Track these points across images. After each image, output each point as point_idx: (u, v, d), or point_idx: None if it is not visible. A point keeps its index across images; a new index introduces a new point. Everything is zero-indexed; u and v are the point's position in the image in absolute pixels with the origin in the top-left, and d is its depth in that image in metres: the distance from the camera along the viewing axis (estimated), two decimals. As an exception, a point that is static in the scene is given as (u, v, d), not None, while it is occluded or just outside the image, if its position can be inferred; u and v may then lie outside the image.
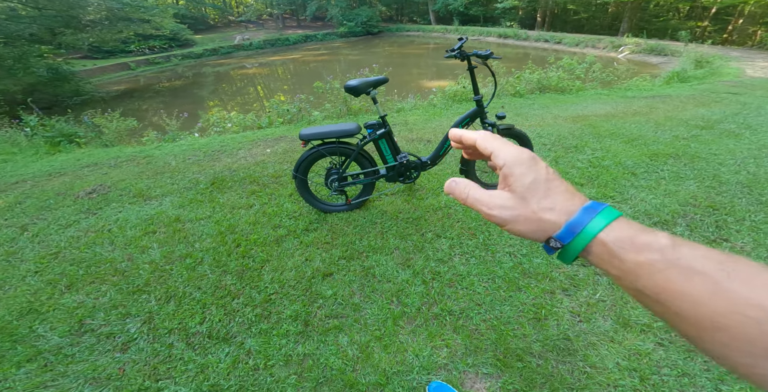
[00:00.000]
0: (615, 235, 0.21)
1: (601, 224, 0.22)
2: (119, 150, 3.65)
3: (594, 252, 0.22)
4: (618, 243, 0.21)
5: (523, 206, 0.24)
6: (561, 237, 0.23)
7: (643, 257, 0.20)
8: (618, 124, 3.27)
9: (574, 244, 0.22)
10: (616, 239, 0.21)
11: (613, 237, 0.21)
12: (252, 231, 1.96)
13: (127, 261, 1.76)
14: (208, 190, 2.48)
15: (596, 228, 0.22)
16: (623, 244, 0.21)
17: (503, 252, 1.68)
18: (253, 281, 1.58)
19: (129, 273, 1.67)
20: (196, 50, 19.05)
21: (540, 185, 0.24)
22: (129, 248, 1.89)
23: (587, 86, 4.91)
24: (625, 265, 0.21)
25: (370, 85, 1.65)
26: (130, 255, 1.81)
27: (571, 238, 0.22)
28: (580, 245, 0.22)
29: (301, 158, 1.81)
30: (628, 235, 0.21)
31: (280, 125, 3.89)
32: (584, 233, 0.22)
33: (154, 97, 11.36)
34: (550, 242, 0.23)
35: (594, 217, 0.22)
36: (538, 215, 0.23)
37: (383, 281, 1.54)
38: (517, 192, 0.24)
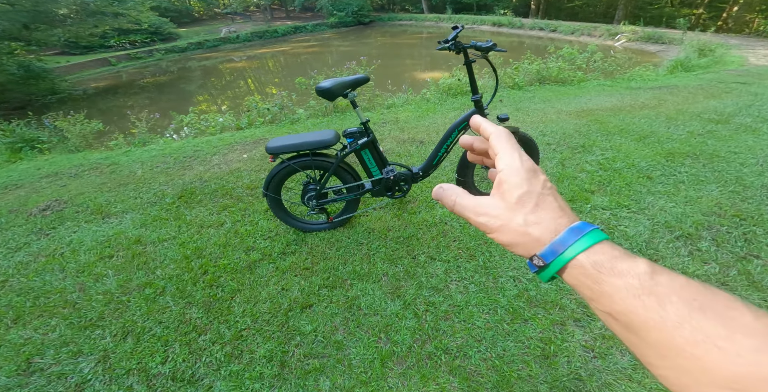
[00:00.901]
0: (595, 258, 0.21)
1: (583, 246, 0.22)
2: (84, 157, 3.33)
3: (571, 273, 0.22)
4: (597, 267, 0.21)
5: (511, 217, 0.24)
6: (544, 256, 0.23)
7: (621, 281, 0.20)
8: (626, 119, 3.02)
9: (554, 263, 0.22)
10: (594, 263, 0.21)
11: (592, 260, 0.21)
12: (221, 255, 1.72)
13: (79, 292, 1.55)
14: (174, 205, 2.21)
15: (577, 250, 0.22)
16: (602, 268, 0.21)
17: (506, 277, 1.47)
18: (222, 314, 1.38)
19: (81, 305, 1.47)
20: (180, 44, 18.28)
21: (532, 199, 0.23)
22: (82, 275, 1.66)
23: (589, 77, 4.63)
24: (601, 288, 0.21)
25: (346, 87, 1.37)
26: (82, 284, 1.59)
27: (552, 258, 0.22)
28: (558, 266, 0.22)
29: (270, 174, 1.54)
30: (609, 258, 0.21)
31: (261, 126, 3.59)
32: (564, 254, 0.22)
33: (138, 93, 10.89)
34: (534, 260, 0.23)
35: (579, 238, 0.22)
36: (524, 228, 0.23)
37: (370, 314, 1.34)
38: (508, 202, 0.24)
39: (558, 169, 2.23)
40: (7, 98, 8.27)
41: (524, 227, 0.23)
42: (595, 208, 1.86)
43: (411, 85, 5.21)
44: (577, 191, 2.00)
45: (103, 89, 11.70)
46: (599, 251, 0.22)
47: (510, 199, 0.23)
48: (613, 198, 1.92)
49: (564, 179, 2.12)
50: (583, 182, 2.09)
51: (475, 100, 1.54)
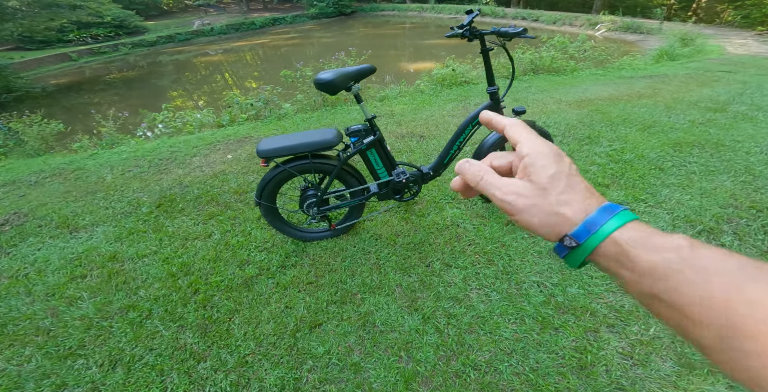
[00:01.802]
0: (629, 235, 0.21)
1: (616, 224, 0.21)
2: (44, 161, 2.98)
3: (605, 253, 0.21)
4: (632, 243, 0.20)
5: (542, 196, 0.23)
6: (577, 235, 0.21)
7: (659, 256, 0.19)
8: (627, 108, 2.96)
9: (588, 242, 0.21)
10: (630, 239, 0.20)
11: (627, 237, 0.20)
12: (212, 271, 1.53)
13: (52, 317, 1.37)
14: (152, 215, 1.96)
15: (611, 227, 0.21)
16: (637, 244, 0.20)
17: (530, 282, 1.36)
18: (221, 338, 1.23)
19: (56, 332, 1.30)
20: (149, 38, 17.15)
21: (562, 179, 0.23)
22: (52, 299, 1.46)
23: (581, 66, 4.58)
24: (639, 266, 0.20)
25: (350, 78, 1.18)
26: (54, 309, 1.40)
27: (586, 236, 0.21)
28: (593, 244, 0.21)
29: (263, 181, 1.34)
30: (643, 235, 0.20)
31: (245, 123, 3.31)
32: (598, 232, 0.21)
33: (105, 89, 10.19)
34: (565, 241, 0.22)
35: (611, 217, 0.21)
36: (555, 208, 0.22)
37: (387, 331, 1.21)
38: (537, 183, 0.23)
39: (568, 162, 2.14)
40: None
41: (556, 207, 0.22)
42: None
43: (397, 77, 5.03)
44: (592, 185, 1.89)
45: (65, 86, 10.87)
46: (633, 228, 0.21)
47: (539, 180, 0.23)
48: (628, 192, 1.84)
49: (575, 173, 2.03)
50: (595, 175, 1.99)
51: (491, 92, 1.39)
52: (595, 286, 1.31)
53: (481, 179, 0.25)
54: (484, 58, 1.33)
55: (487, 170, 0.25)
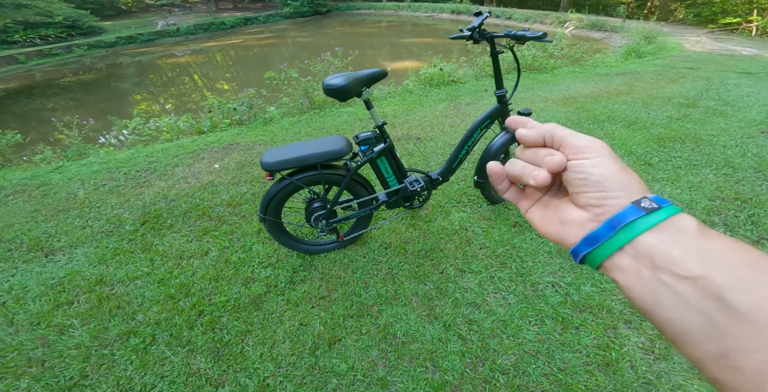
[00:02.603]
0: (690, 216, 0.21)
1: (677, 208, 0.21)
2: (3, 177, 2.66)
3: (670, 228, 0.19)
4: (697, 222, 0.20)
5: (617, 160, 0.22)
6: (657, 199, 0.20)
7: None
8: (609, 105, 3.08)
9: (666, 208, 0.20)
10: (693, 218, 0.21)
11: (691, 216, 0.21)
12: (216, 291, 1.44)
13: (43, 347, 1.25)
14: (138, 233, 1.80)
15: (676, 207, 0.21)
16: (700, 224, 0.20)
17: (544, 283, 1.37)
18: (236, 361, 1.17)
19: (51, 363, 1.20)
20: (106, 38, 15.98)
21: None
22: (38, 328, 1.34)
23: (559, 64, 4.72)
24: (699, 245, 0.19)
25: (362, 83, 1.12)
26: (43, 339, 1.29)
27: (667, 203, 0.20)
28: (671, 211, 0.20)
29: (268, 195, 1.25)
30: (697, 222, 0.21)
31: (228, 128, 3.13)
32: (672, 204, 0.21)
33: (59, 93, 9.40)
34: (643, 202, 0.20)
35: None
36: (629, 173, 0.22)
37: (409, 342, 1.19)
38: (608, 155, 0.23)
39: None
40: None
41: (630, 172, 0.22)
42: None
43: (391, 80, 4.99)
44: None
45: (13, 91, 9.92)
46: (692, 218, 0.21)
47: (610, 153, 0.22)
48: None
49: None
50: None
51: (499, 95, 1.37)
52: (607, 283, 1.34)
53: (553, 127, 0.24)
54: (494, 62, 1.31)
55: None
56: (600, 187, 0.21)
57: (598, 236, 0.20)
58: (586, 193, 0.21)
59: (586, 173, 0.21)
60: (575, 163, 0.22)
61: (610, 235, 0.20)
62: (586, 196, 0.21)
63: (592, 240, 0.20)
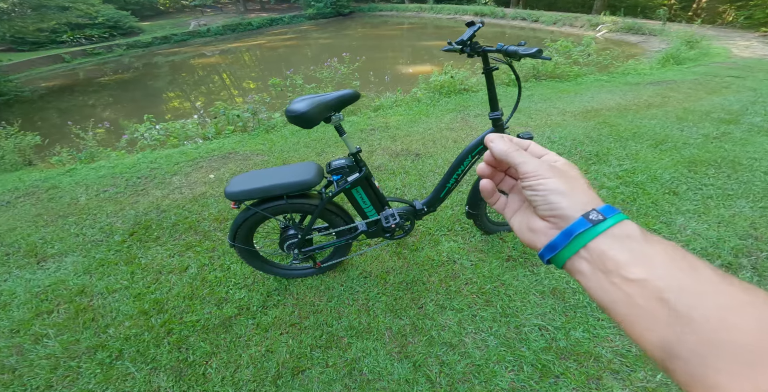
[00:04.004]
0: (636, 225, 0.24)
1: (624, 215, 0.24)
2: (20, 178, 2.80)
3: (619, 234, 0.23)
4: (641, 230, 0.23)
5: (577, 174, 0.26)
6: (603, 211, 0.24)
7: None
8: (636, 120, 2.80)
9: (613, 217, 0.23)
10: (638, 227, 0.24)
11: (636, 225, 0.24)
12: (188, 309, 1.41)
13: (17, 355, 1.28)
14: (125, 244, 1.81)
15: (623, 215, 0.24)
16: (644, 230, 0.24)
17: (530, 326, 1.24)
18: (197, 382, 1.15)
19: (21, 371, 1.23)
20: (144, 39, 16.94)
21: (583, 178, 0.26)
22: (17, 336, 1.37)
23: (584, 71, 4.40)
24: (644, 249, 0.22)
25: (329, 108, 1.01)
26: (19, 347, 1.31)
27: (612, 213, 0.23)
28: (617, 219, 0.23)
29: (236, 223, 1.19)
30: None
31: (231, 135, 3.14)
32: (620, 213, 0.24)
33: (99, 91, 10.04)
34: (591, 215, 0.23)
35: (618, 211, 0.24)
36: (587, 186, 0.26)
37: (374, 380, 1.12)
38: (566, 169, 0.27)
39: (575, 185, 1.97)
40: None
41: (587, 185, 0.25)
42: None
43: (396, 80, 4.87)
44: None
45: (57, 88, 10.68)
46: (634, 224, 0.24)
47: (570, 169, 0.26)
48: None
49: (583, 197, 1.87)
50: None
51: (494, 118, 1.22)
52: (601, 329, 1.20)
53: (517, 149, 0.28)
54: (487, 79, 1.16)
55: (517, 147, 0.28)
56: (547, 202, 0.25)
57: (556, 244, 0.24)
58: (539, 207, 0.26)
59: (535, 191, 0.26)
60: (525, 184, 0.26)
61: (565, 243, 0.24)
62: (540, 210, 0.26)
63: (552, 247, 0.25)
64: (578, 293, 1.33)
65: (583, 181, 0.25)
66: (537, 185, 0.25)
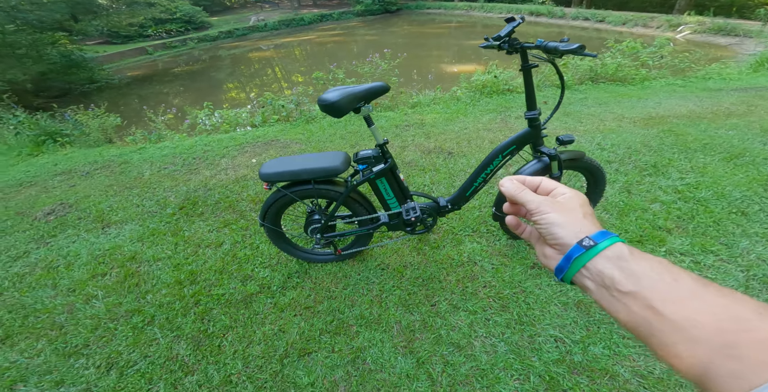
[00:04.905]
0: (628, 246, 0.28)
1: (617, 238, 0.28)
2: (100, 153, 3.27)
3: (611, 256, 0.27)
4: (630, 250, 0.27)
5: (574, 204, 0.31)
6: (595, 237, 0.27)
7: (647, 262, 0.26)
8: (709, 130, 2.46)
9: (605, 241, 0.27)
10: (629, 248, 0.27)
11: (627, 246, 0.27)
12: (216, 283, 1.52)
13: (68, 313, 1.44)
14: (174, 217, 2.02)
15: (617, 238, 0.28)
16: (633, 251, 0.27)
17: (546, 336, 1.18)
18: (212, 353, 1.22)
19: (68, 329, 1.37)
20: (212, 33, 18.53)
21: (584, 207, 0.31)
22: (72, 295, 1.54)
23: (654, 75, 3.94)
24: (631, 267, 0.26)
25: (358, 99, 1.04)
26: (71, 306, 1.48)
27: (604, 238, 0.27)
28: (609, 243, 0.27)
29: (266, 204, 1.28)
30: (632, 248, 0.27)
31: (275, 124, 3.34)
32: (612, 236, 0.28)
33: (173, 81, 11.23)
34: (584, 241, 0.27)
35: (612, 235, 0.28)
36: (582, 216, 0.30)
37: (376, 371, 1.13)
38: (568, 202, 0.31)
39: (622, 197, 1.80)
40: (48, 87, 8.69)
41: (582, 216, 0.30)
42: (672, 252, 1.45)
43: (438, 79, 4.79)
44: (648, 228, 1.57)
45: (140, 77, 12.13)
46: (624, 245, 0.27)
47: (569, 202, 0.31)
48: (696, 240, 1.49)
49: (629, 210, 1.69)
50: (656, 216, 1.65)
51: (530, 117, 1.16)
52: (624, 347, 1.11)
53: (522, 190, 0.33)
54: (525, 77, 1.11)
55: (524, 188, 0.33)
56: (550, 233, 0.30)
57: (562, 267, 0.29)
58: (545, 237, 0.30)
59: (539, 225, 0.30)
60: (533, 219, 0.31)
61: (567, 266, 0.28)
62: (546, 239, 0.31)
63: (560, 270, 0.29)
64: (608, 312, 1.23)
65: (581, 211, 0.30)
66: (540, 220, 0.30)
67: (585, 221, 0.29)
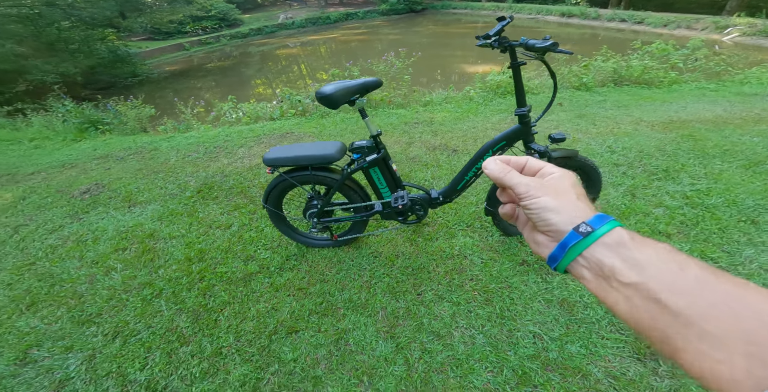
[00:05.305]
0: (628, 231, 0.25)
1: (617, 223, 0.25)
2: (134, 140, 3.56)
3: (610, 243, 0.24)
4: (631, 235, 0.25)
5: (568, 186, 0.28)
6: (592, 222, 0.25)
7: (650, 249, 0.24)
8: (733, 136, 2.33)
9: (603, 227, 0.25)
10: (629, 233, 0.25)
11: (628, 231, 0.25)
12: (222, 261, 1.65)
13: (88, 284, 1.58)
14: (192, 199, 2.20)
15: (616, 222, 0.25)
16: (634, 236, 0.25)
17: (525, 331, 1.20)
18: (208, 326, 1.32)
19: (86, 299, 1.50)
20: (243, 30, 19.32)
21: (577, 189, 0.28)
22: (95, 266, 1.70)
23: (685, 78, 3.73)
24: (633, 255, 0.23)
25: (352, 92, 1.12)
26: (92, 277, 1.63)
27: (601, 223, 0.25)
28: (607, 228, 0.25)
29: (269, 187, 1.39)
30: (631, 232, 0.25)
31: (292, 117, 3.50)
32: (611, 221, 0.25)
33: (206, 76, 11.86)
34: (581, 228, 0.25)
35: (611, 219, 0.26)
36: (576, 200, 0.27)
37: (357, 352, 1.19)
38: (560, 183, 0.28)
39: (625, 200, 1.76)
40: (96, 79, 9.46)
41: (576, 199, 0.27)
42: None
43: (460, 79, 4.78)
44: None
45: (177, 72, 12.87)
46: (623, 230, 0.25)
47: (560, 182, 0.28)
48: (696, 246, 1.45)
49: (630, 214, 1.67)
50: (657, 220, 1.61)
51: (520, 114, 1.20)
52: (602, 348, 1.11)
53: (508, 171, 0.29)
54: (514, 74, 1.15)
55: (510, 169, 0.30)
56: (541, 219, 0.27)
57: (556, 255, 0.26)
58: (537, 224, 0.28)
59: (530, 210, 0.28)
60: (522, 204, 0.28)
61: (562, 254, 0.26)
62: (538, 226, 0.28)
63: (553, 258, 0.27)
64: (590, 308, 1.24)
65: (573, 193, 0.27)
66: (530, 205, 0.27)
67: (579, 203, 0.26)
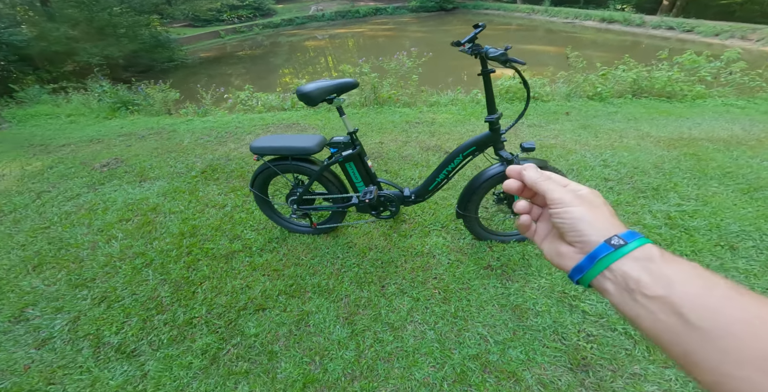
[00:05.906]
0: (658, 248, 0.26)
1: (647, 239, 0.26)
2: (158, 121, 3.83)
3: (640, 257, 0.25)
4: (660, 251, 0.25)
5: (602, 202, 0.29)
6: (625, 236, 0.26)
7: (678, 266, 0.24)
8: (742, 158, 2.22)
9: (635, 242, 0.25)
10: (659, 249, 0.26)
11: (657, 248, 0.26)
12: (210, 238, 1.78)
13: (90, 250, 1.72)
14: (195, 179, 2.37)
15: (646, 239, 0.26)
16: (664, 253, 0.25)
17: (473, 332, 1.25)
18: (185, 297, 1.43)
19: (85, 264, 1.64)
20: (275, 20, 19.71)
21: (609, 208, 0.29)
22: (100, 234, 1.85)
23: (713, 93, 3.54)
24: (662, 270, 0.24)
25: (329, 92, 1.21)
26: (95, 243, 1.78)
27: (634, 237, 0.25)
28: (639, 243, 0.25)
29: (255, 173, 1.51)
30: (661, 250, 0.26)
31: (301, 109, 3.64)
32: (642, 237, 0.26)
33: (237, 63, 12.25)
34: (613, 240, 0.25)
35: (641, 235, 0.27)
36: (611, 214, 0.28)
37: (315, 334, 1.27)
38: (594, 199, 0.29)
39: (605, 214, 1.75)
40: (136, 63, 10.03)
41: (610, 214, 0.28)
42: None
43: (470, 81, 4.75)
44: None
45: (210, 59, 13.35)
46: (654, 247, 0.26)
47: (593, 198, 0.29)
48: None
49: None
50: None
51: (489, 120, 1.24)
52: (541, 355, 1.15)
53: (547, 178, 0.30)
54: (484, 82, 1.20)
55: (550, 174, 0.31)
56: (574, 229, 0.27)
57: (582, 267, 0.27)
58: (567, 234, 0.28)
59: (562, 219, 0.28)
60: (553, 212, 0.29)
61: (590, 266, 0.26)
62: (567, 236, 0.28)
63: (579, 270, 0.27)
64: (540, 316, 1.27)
65: (607, 209, 0.28)
66: (564, 213, 0.27)
67: (612, 219, 0.27)
